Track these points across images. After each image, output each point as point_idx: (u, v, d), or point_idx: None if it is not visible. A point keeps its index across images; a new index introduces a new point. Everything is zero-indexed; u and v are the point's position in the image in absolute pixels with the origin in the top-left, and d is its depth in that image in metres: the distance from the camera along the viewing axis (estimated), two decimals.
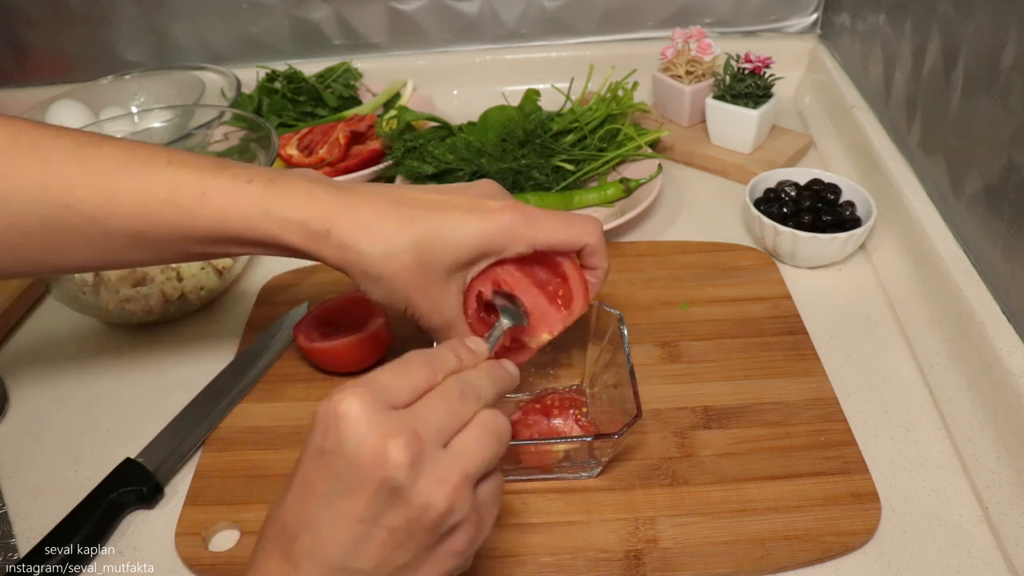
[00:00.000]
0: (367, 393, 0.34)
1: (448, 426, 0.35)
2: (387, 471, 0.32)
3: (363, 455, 0.33)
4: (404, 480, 0.33)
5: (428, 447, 0.34)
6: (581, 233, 0.49)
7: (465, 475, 0.34)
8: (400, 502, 0.33)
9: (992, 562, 0.48)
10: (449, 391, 0.36)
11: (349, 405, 0.33)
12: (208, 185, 0.45)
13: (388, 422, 0.33)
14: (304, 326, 0.63)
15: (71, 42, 1.04)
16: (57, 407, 0.64)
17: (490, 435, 0.36)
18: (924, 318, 0.62)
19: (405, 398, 0.35)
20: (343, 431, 0.33)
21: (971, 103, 0.61)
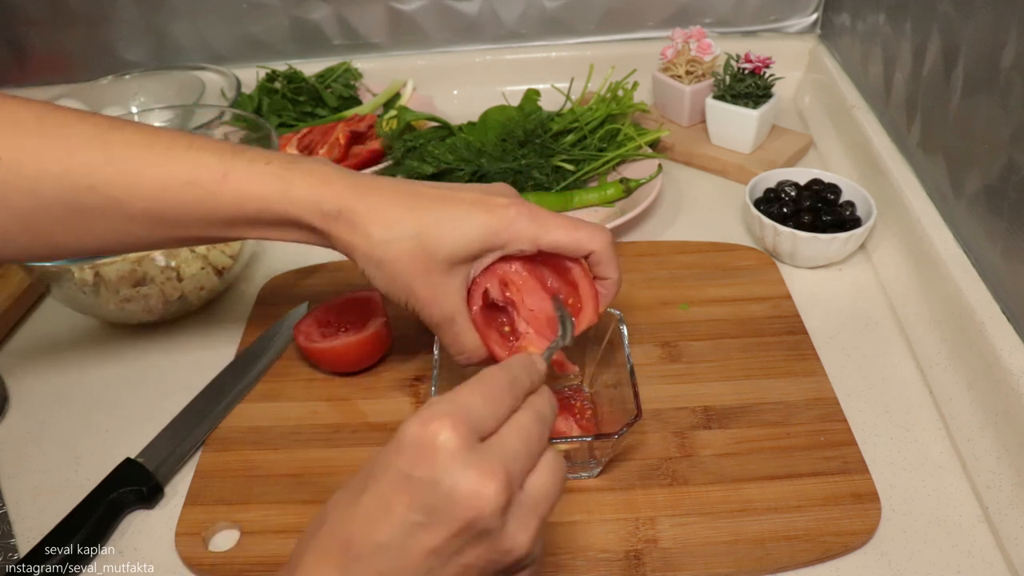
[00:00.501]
0: (463, 426, 0.33)
1: (528, 465, 0.35)
2: (482, 514, 0.32)
3: (459, 494, 0.32)
4: (495, 525, 0.33)
5: (515, 492, 0.34)
6: (586, 238, 0.48)
7: (541, 520, 0.35)
8: (484, 543, 0.33)
9: (992, 562, 0.48)
10: (530, 427, 0.36)
11: (447, 439, 0.32)
12: (229, 167, 0.46)
13: (484, 462, 0.33)
14: (304, 326, 0.63)
15: (71, 42, 1.04)
16: (57, 407, 0.64)
17: (559, 480, 0.36)
18: (924, 318, 0.62)
19: (492, 427, 0.35)
20: (440, 465, 0.32)
21: (971, 103, 0.61)
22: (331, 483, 0.54)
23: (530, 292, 0.50)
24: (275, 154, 0.48)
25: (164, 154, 0.46)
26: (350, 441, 0.58)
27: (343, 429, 0.59)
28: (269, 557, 0.50)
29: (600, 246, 0.49)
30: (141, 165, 0.46)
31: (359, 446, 0.57)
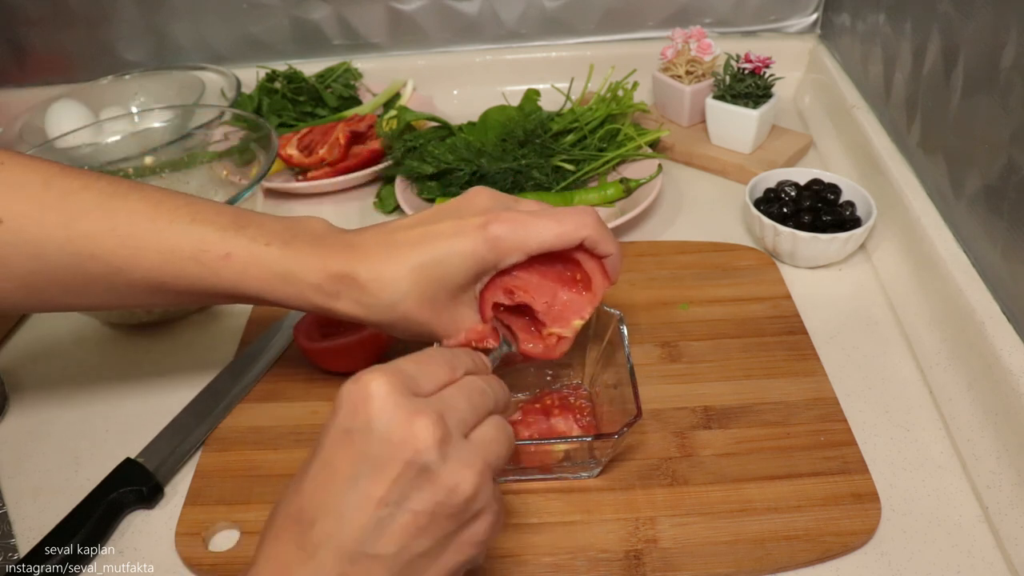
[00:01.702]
0: (394, 377, 0.35)
1: (469, 418, 0.36)
2: (417, 449, 0.33)
3: (393, 434, 0.33)
4: (434, 459, 0.33)
5: (454, 433, 0.35)
6: (574, 229, 0.48)
7: (487, 464, 0.35)
8: (427, 483, 0.33)
9: (992, 562, 0.48)
10: (470, 387, 0.37)
11: (379, 386, 0.34)
12: (231, 246, 0.47)
13: (416, 404, 0.34)
14: (304, 326, 0.63)
15: (71, 42, 1.04)
16: (57, 407, 0.64)
17: (504, 435, 0.38)
18: (924, 318, 0.62)
19: (428, 387, 0.36)
20: (373, 410, 0.34)
21: (971, 103, 0.61)
22: None
23: (536, 287, 0.50)
24: (275, 231, 0.48)
25: (167, 227, 0.47)
26: None
27: None
28: None
29: (590, 230, 0.48)
30: (144, 238, 0.46)
31: None
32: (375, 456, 0.33)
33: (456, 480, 0.34)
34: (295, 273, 0.47)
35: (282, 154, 0.88)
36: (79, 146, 0.79)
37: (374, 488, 0.33)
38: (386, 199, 0.84)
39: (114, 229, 0.46)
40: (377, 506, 0.33)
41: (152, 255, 0.46)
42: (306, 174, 0.89)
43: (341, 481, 0.34)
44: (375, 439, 0.33)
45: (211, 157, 0.79)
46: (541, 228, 0.47)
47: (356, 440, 0.34)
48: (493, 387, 0.39)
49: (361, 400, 0.34)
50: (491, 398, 0.38)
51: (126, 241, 0.46)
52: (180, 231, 0.47)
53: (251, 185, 0.67)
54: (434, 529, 0.34)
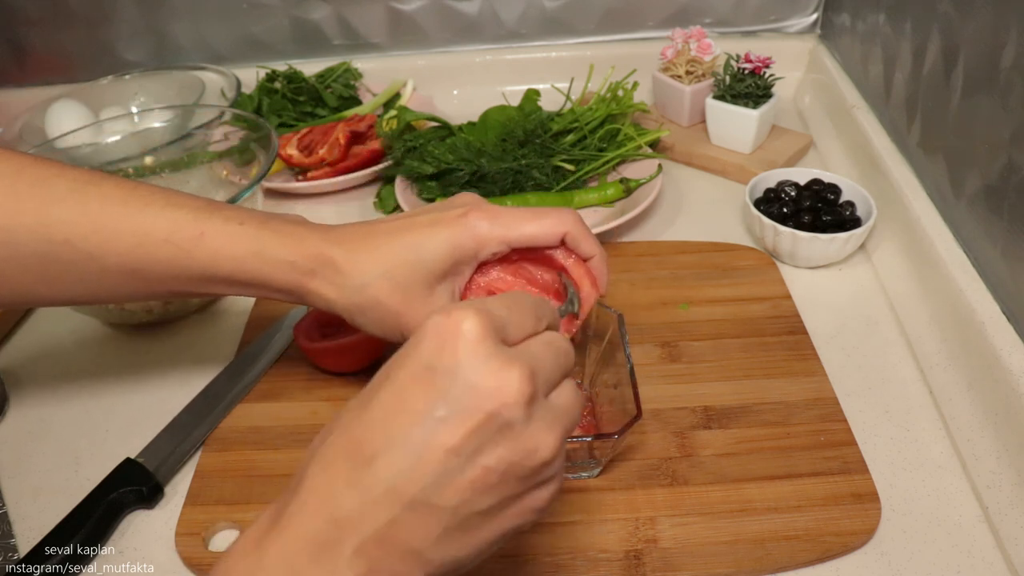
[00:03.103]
0: (487, 319, 0.32)
1: (553, 378, 0.34)
2: (505, 403, 0.30)
3: (481, 380, 0.30)
4: (519, 417, 0.31)
5: (540, 392, 0.32)
6: (554, 224, 0.47)
7: (566, 429, 0.33)
8: (506, 440, 0.31)
9: (992, 562, 0.48)
10: (557, 344, 0.35)
11: (471, 326, 0.31)
12: (205, 226, 0.47)
13: (509, 354, 0.31)
14: (304, 326, 0.63)
15: (71, 42, 1.04)
16: (57, 407, 0.64)
17: (579, 401, 0.35)
18: (924, 318, 0.62)
19: (515, 336, 0.34)
20: (462, 351, 0.31)
21: (971, 103, 0.61)
22: None
23: None
24: (250, 213, 0.48)
25: (141, 211, 0.46)
26: None
27: None
28: None
29: (570, 226, 0.48)
30: (118, 221, 0.46)
31: None
32: (457, 401, 0.30)
33: (538, 443, 0.31)
34: (270, 250, 0.47)
35: (282, 154, 0.88)
36: (79, 146, 0.79)
37: (449, 434, 0.30)
38: (386, 199, 0.84)
39: (87, 214, 0.46)
40: (448, 454, 0.30)
41: (126, 238, 0.46)
42: (306, 174, 0.89)
43: (414, 419, 0.31)
44: (460, 383, 0.30)
45: (211, 157, 0.79)
46: (521, 220, 0.47)
47: (438, 380, 0.31)
48: (569, 347, 0.36)
49: (451, 337, 0.31)
50: (570, 359, 0.36)
51: (99, 226, 0.46)
52: (154, 214, 0.46)
53: (251, 185, 0.67)
54: (501, 489, 0.32)
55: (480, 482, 0.31)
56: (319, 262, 0.47)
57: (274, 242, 0.47)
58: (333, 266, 0.47)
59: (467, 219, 0.47)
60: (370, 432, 0.31)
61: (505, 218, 0.47)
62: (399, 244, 0.47)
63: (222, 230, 0.47)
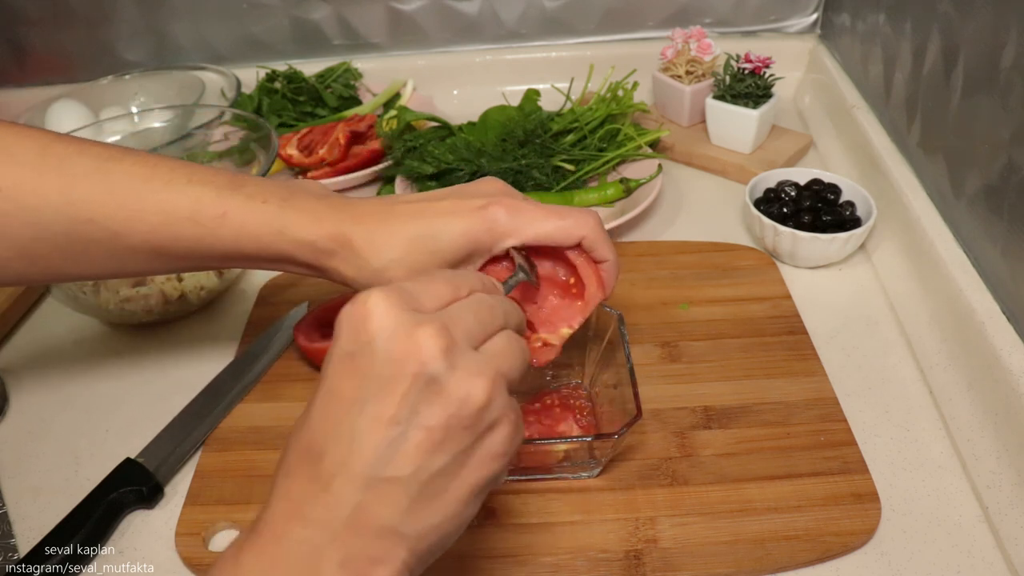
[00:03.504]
0: (393, 293, 0.33)
1: (476, 331, 0.34)
2: (421, 360, 0.31)
3: (395, 348, 0.31)
4: (440, 370, 0.31)
5: (460, 343, 0.33)
6: (574, 226, 0.47)
7: (499, 372, 0.33)
8: (437, 396, 0.32)
9: (992, 562, 0.48)
10: (477, 302, 0.36)
11: (377, 302, 0.32)
12: (228, 205, 0.47)
13: (418, 317, 0.32)
14: (304, 326, 0.63)
15: (71, 42, 1.04)
16: (57, 407, 0.64)
17: (517, 347, 0.36)
18: (924, 318, 0.62)
19: (430, 304, 0.34)
20: (372, 328, 0.32)
21: (971, 103, 0.61)
22: None
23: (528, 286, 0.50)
24: (272, 188, 0.48)
25: (164, 188, 0.46)
26: None
27: None
28: None
29: (589, 230, 0.47)
30: (141, 199, 0.46)
31: None
32: (380, 375, 0.31)
33: (467, 389, 0.32)
34: (292, 229, 0.47)
35: (282, 154, 0.88)
36: None
37: (383, 408, 0.31)
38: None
39: (111, 192, 0.46)
40: (387, 426, 0.31)
41: (150, 217, 0.46)
42: (306, 174, 0.89)
43: (348, 406, 0.32)
44: (378, 357, 0.32)
45: (211, 157, 0.79)
46: (541, 217, 0.47)
47: (359, 362, 0.32)
48: (504, 305, 0.37)
49: (360, 320, 0.32)
50: (500, 314, 0.36)
51: (123, 203, 0.46)
52: (177, 192, 0.46)
53: None
54: (450, 444, 0.32)
55: (427, 443, 0.31)
56: (338, 242, 0.47)
57: (296, 221, 0.47)
58: (351, 247, 0.46)
59: (487, 212, 0.46)
60: (315, 431, 0.33)
61: (526, 214, 0.47)
62: (415, 229, 0.46)
63: (245, 208, 0.47)
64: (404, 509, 0.32)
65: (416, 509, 0.32)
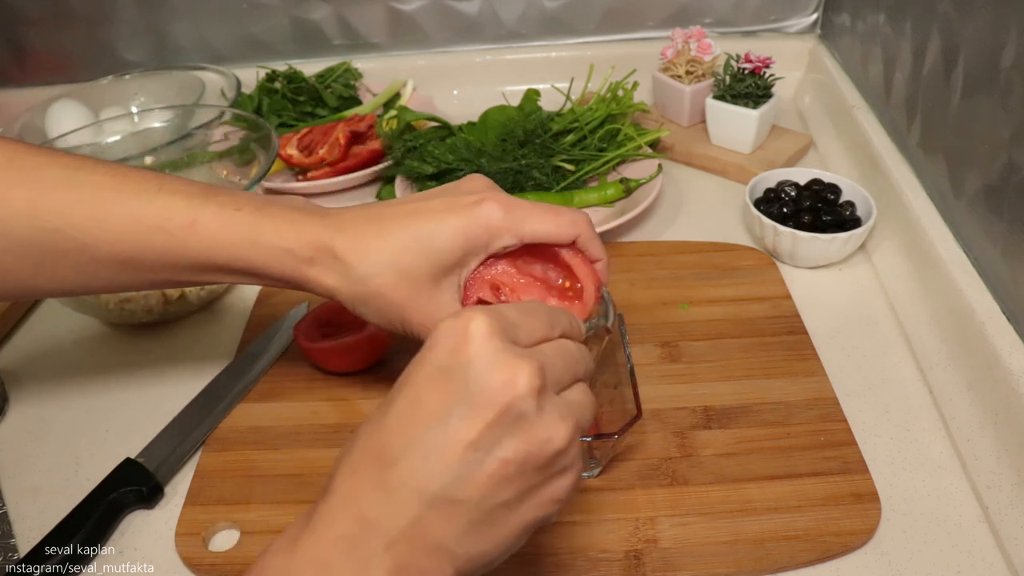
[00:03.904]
0: (496, 321, 0.33)
1: (563, 379, 0.35)
2: (516, 395, 0.32)
3: (493, 377, 0.32)
4: (531, 408, 0.32)
5: (549, 387, 0.33)
6: (569, 224, 0.47)
7: (578, 422, 0.34)
8: (521, 432, 0.32)
9: (992, 562, 0.48)
10: (567, 349, 0.36)
11: (480, 326, 0.32)
12: (198, 213, 0.45)
13: (518, 351, 0.33)
14: (304, 326, 0.63)
15: (71, 42, 1.04)
16: (57, 407, 0.64)
17: (591, 401, 0.37)
18: (924, 318, 0.62)
19: (526, 339, 0.35)
20: (473, 350, 0.32)
21: (971, 103, 0.61)
22: None
23: (524, 289, 0.49)
24: (247, 198, 0.47)
25: (132, 198, 0.45)
26: None
27: (343, 429, 0.59)
28: None
29: (584, 228, 0.47)
30: (108, 209, 0.45)
31: None
32: (471, 397, 0.32)
33: (551, 432, 0.32)
34: (265, 237, 0.45)
35: (282, 154, 0.88)
36: (79, 146, 0.79)
37: (466, 431, 0.31)
38: (386, 199, 0.84)
39: (78, 202, 0.45)
40: (467, 449, 0.31)
41: (116, 226, 0.45)
42: (306, 174, 0.89)
43: (431, 420, 0.32)
44: (473, 380, 0.32)
45: (211, 157, 0.79)
46: (537, 214, 0.46)
47: (453, 379, 0.32)
48: (584, 354, 0.38)
49: (462, 338, 0.32)
50: (583, 364, 0.37)
51: (91, 214, 0.45)
52: (145, 201, 0.45)
53: (251, 185, 0.67)
54: (520, 480, 0.32)
55: (499, 474, 0.32)
56: (317, 249, 0.45)
57: (270, 229, 0.45)
58: (333, 254, 0.45)
59: (481, 208, 0.45)
60: (391, 436, 0.33)
61: (520, 211, 0.46)
62: (408, 232, 0.45)
63: (216, 217, 0.45)
64: (461, 532, 0.32)
65: (472, 534, 0.32)
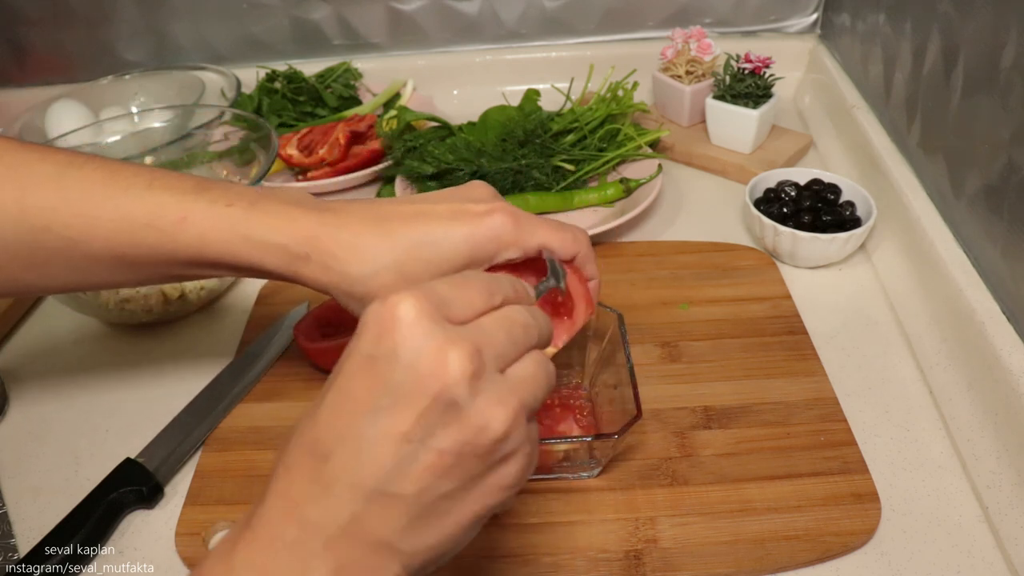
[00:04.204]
0: (426, 300, 0.31)
1: (507, 352, 0.33)
2: (446, 383, 0.30)
3: (421, 363, 0.30)
4: (463, 395, 0.30)
5: (488, 367, 0.31)
6: (572, 240, 0.46)
7: (522, 403, 0.32)
8: (455, 420, 0.30)
9: (992, 562, 0.48)
10: (512, 317, 0.34)
11: (408, 309, 0.30)
12: (188, 209, 0.44)
13: (449, 333, 0.31)
14: (304, 326, 0.63)
15: (71, 42, 1.04)
16: (57, 407, 0.64)
17: (544, 373, 0.34)
18: (924, 318, 0.62)
19: (463, 314, 0.33)
20: (400, 337, 0.30)
21: (971, 103, 0.61)
22: None
23: None
24: (240, 192, 0.45)
25: (122, 194, 0.45)
26: None
27: None
28: None
29: (583, 246, 0.47)
30: (98, 206, 0.44)
31: None
32: (400, 387, 0.30)
33: (486, 419, 0.31)
34: (259, 232, 0.44)
35: (282, 154, 0.88)
36: (79, 146, 0.79)
37: (397, 422, 0.30)
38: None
39: (67, 199, 0.44)
40: (400, 442, 0.30)
41: (106, 224, 0.44)
42: (306, 174, 0.89)
43: (361, 412, 0.31)
44: (401, 368, 0.30)
45: (211, 157, 0.79)
46: (542, 229, 0.45)
47: (380, 368, 0.31)
48: (537, 318, 0.35)
49: (388, 323, 0.31)
50: (534, 331, 0.34)
51: (80, 211, 0.44)
52: (135, 197, 0.44)
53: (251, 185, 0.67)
54: (459, 470, 0.31)
55: (437, 466, 0.31)
56: (313, 246, 0.44)
57: (263, 224, 0.44)
58: (329, 252, 0.43)
59: (492, 219, 0.44)
60: (323, 430, 0.32)
61: (528, 225, 0.45)
62: (413, 235, 0.44)
63: (207, 213, 0.44)
64: (403, 526, 0.31)
65: (415, 528, 0.31)
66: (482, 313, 0.33)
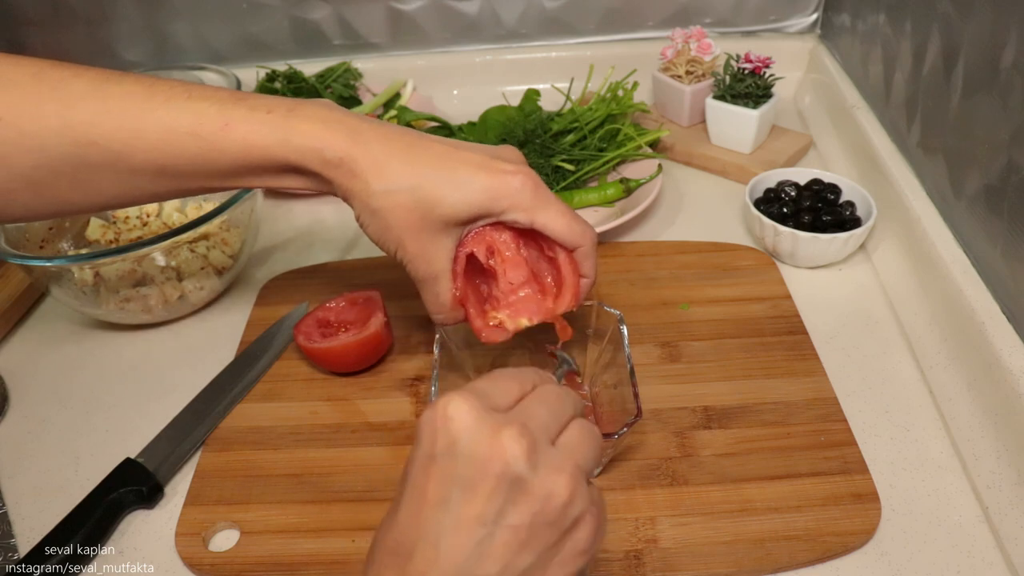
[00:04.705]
0: (471, 395, 0.34)
1: (551, 425, 0.35)
2: (506, 461, 0.32)
3: (479, 450, 0.32)
4: (524, 469, 0.32)
5: (540, 441, 0.34)
6: (580, 232, 0.49)
7: (578, 466, 0.34)
8: (522, 495, 0.32)
9: (992, 562, 0.48)
10: (547, 394, 0.37)
11: (457, 406, 0.33)
12: (230, 116, 0.46)
13: (498, 418, 0.33)
14: (304, 326, 0.63)
15: (71, 42, 1.04)
16: (57, 407, 0.64)
17: (591, 435, 0.36)
18: (924, 318, 0.62)
19: (504, 402, 0.35)
20: (455, 431, 0.33)
21: (971, 103, 0.61)
22: (331, 483, 0.54)
23: (513, 266, 0.51)
24: (277, 100, 0.48)
25: (164, 105, 0.46)
26: (350, 441, 0.58)
27: (343, 429, 0.59)
28: (269, 557, 0.50)
29: (588, 243, 0.50)
30: (141, 117, 0.45)
31: (359, 446, 0.57)
32: (464, 475, 0.32)
33: (549, 487, 0.33)
34: (297, 136, 0.46)
35: None
36: None
37: (468, 508, 0.32)
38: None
39: (109, 112, 0.45)
40: (475, 526, 0.32)
41: (150, 135, 0.45)
42: None
43: (433, 506, 0.32)
44: (463, 458, 0.32)
45: None
46: (558, 211, 0.48)
47: (443, 463, 0.33)
48: (567, 392, 0.38)
49: (441, 423, 0.33)
50: (569, 403, 0.37)
51: (122, 123, 0.45)
52: (177, 108, 0.46)
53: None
54: (535, 542, 0.32)
55: (513, 542, 0.32)
56: (346, 152, 0.46)
57: (302, 129, 0.46)
58: (358, 162, 0.46)
59: (514, 179, 0.47)
60: (403, 531, 0.33)
61: (545, 199, 0.48)
62: (440, 168, 0.46)
63: (248, 118, 0.46)
64: None
65: None
66: (520, 399, 0.36)
